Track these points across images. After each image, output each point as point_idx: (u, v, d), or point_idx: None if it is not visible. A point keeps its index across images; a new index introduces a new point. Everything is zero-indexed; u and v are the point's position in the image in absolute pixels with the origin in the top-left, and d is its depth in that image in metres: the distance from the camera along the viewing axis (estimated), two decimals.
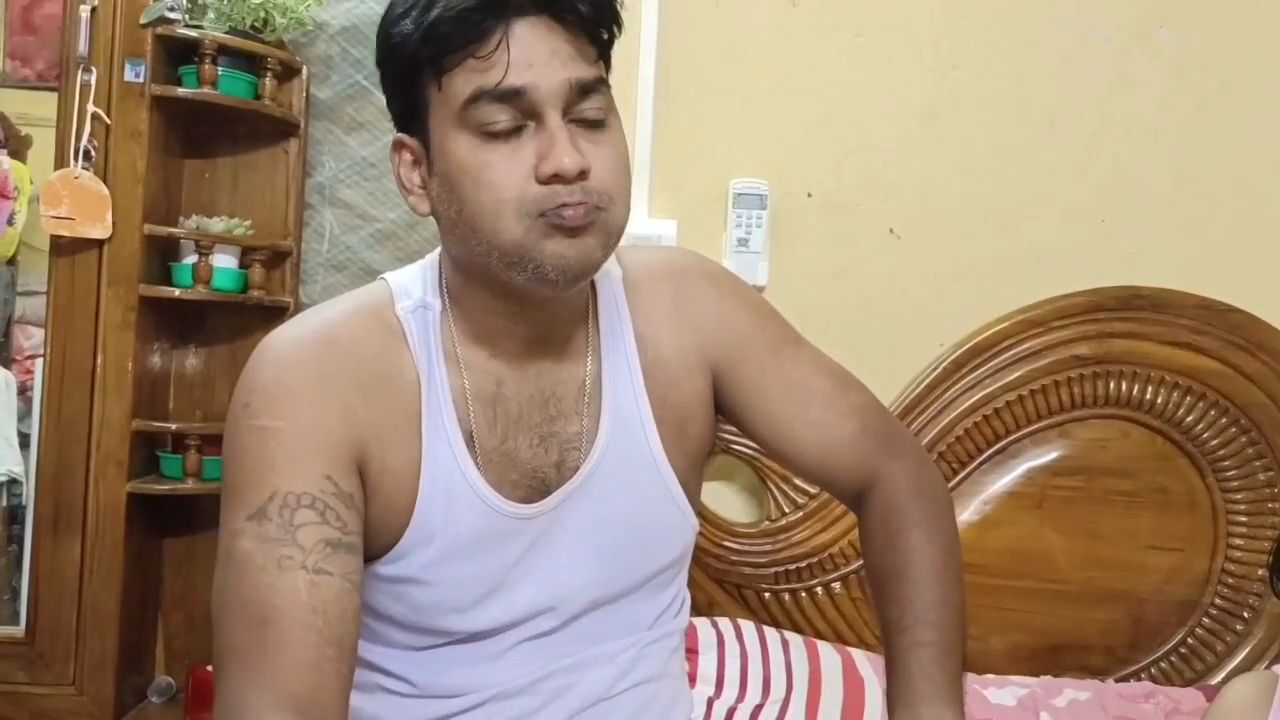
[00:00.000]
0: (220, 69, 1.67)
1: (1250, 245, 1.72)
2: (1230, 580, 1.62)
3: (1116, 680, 1.58)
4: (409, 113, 0.93)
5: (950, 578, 1.04)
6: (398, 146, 0.95)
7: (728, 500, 1.73)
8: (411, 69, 0.90)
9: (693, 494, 1.07)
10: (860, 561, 1.64)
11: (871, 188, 1.75)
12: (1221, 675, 1.59)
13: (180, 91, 1.67)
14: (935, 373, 1.66)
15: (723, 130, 1.75)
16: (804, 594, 1.64)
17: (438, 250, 1.01)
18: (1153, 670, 1.62)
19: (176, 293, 1.69)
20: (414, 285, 1.00)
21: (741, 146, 1.75)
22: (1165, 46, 1.73)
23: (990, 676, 1.52)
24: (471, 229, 0.89)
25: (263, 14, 1.67)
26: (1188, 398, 1.63)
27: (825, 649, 1.51)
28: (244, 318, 1.78)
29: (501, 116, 0.87)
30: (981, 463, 1.65)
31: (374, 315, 0.97)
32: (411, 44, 0.88)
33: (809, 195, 1.75)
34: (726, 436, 1.62)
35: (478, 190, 0.88)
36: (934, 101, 1.74)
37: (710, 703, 1.37)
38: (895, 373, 1.69)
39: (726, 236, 1.72)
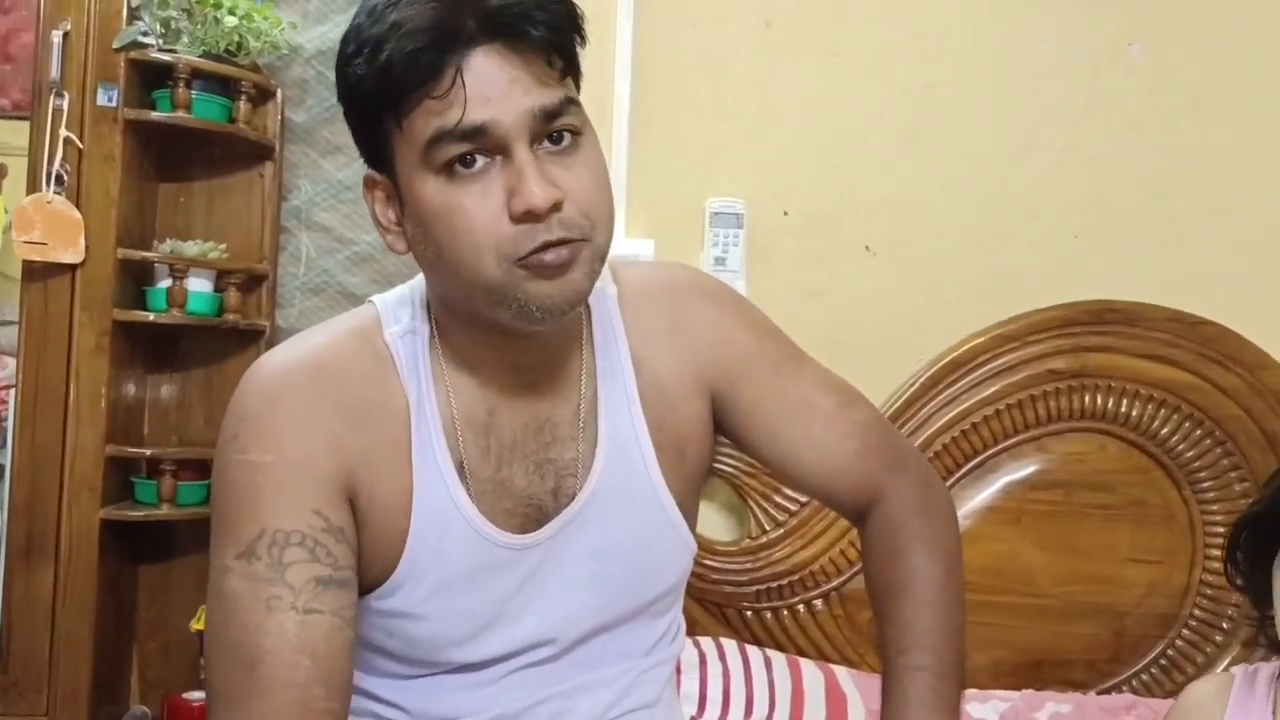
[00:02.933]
0: (194, 92, 1.66)
1: (1222, 258, 1.74)
2: (1209, 592, 1.63)
3: (1098, 693, 1.59)
4: (375, 151, 0.90)
5: (951, 598, 1.03)
6: (369, 184, 0.92)
7: (708, 519, 1.72)
8: (370, 110, 0.87)
9: (691, 517, 1.05)
10: (842, 578, 1.64)
11: (848, 206, 1.76)
12: None
13: (154, 115, 1.66)
14: (912, 388, 1.66)
15: (699, 149, 1.76)
16: (785, 611, 1.64)
17: (422, 276, 1.00)
18: (1134, 683, 1.63)
19: (150, 317, 1.67)
20: (402, 310, 0.98)
21: (718, 165, 1.76)
22: (1136, 64, 1.75)
23: (973, 692, 1.51)
24: (452, 271, 0.87)
25: (237, 38, 1.67)
26: (1162, 410, 1.64)
27: (807, 666, 1.51)
28: (219, 342, 1.77)
29: (466, 155, 0.84)
30: (960, 477, 1.66)
31: (362, 340, 0.95)
32: (367, 86, 0.85)
33: (785, 214, 1.76)
34: None
35: (453, 236, 0.85)
36: (910, 121, 1.75)
37: None
38: (874, 390, 1.66)
39: (704, 255, 1.72)
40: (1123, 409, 1.65)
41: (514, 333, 0.91)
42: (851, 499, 1.08)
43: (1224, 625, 1.62)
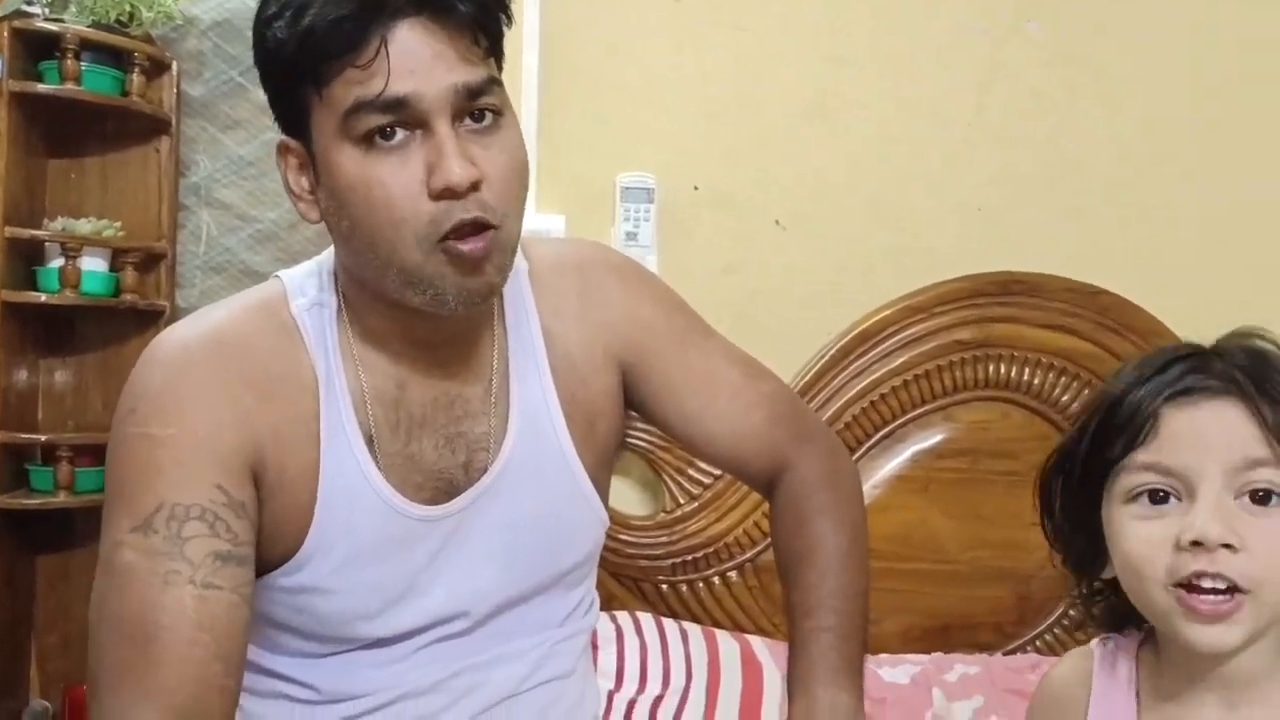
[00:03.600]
0: (84, 64, 1.60)
1: (1118, 230, 1.79)
2: None
3: (1004, 654, 1.63)
4: (291, 116, 0.89)
5: (855, 564, 1.06)
6: (283, 150, 0.91)
7: (623, 494, 1.73)
8: (289, 75, 0.86)
9: (603, 490, 1.07)
10: (756, 549, 1.66)
11: (758, 181, 1.77)
12: None
13: (40, 88, 1.60)
14: (823, 360, 1.68)
15: (609, 124, 1.75)
16: (701, 584, 1.65)
17: (331, 248, 0.98)
18: (1038, 643, 1.67)
19: (42, 298, 1.61)
20: (309, 283, 0.96)
21: (628, 140, 1.75)
22: (1036, 40, 1.79)
23: (884, 656, 1.55)
24: (367, 245, 0.86)
25: (128, 7, 1.61)
26: (1063, 378, 1.69)
27: (723, 637, 1.53)
28: (117, 323, 1.71)
29: (386, 127, 0.83)
30: (870, 447, 1.68)
31: (268, 314, 0.94)
32: (287, 50, 0.84)
33: (696, 189, 1.76)
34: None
35: (369, 209, 0.85)
36: (817, 95, 1.76)
37: (610, 696, 1.37)
38: (786, 363, 1.70)
39: (615, 230, 1.72)
40: (1025, 377, 1.69)
41: (424, 313, 0.91)
42: (759, 470, 1.10)
43: None
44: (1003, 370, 1.69)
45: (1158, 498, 0.78)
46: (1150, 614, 0.79)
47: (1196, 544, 0.75)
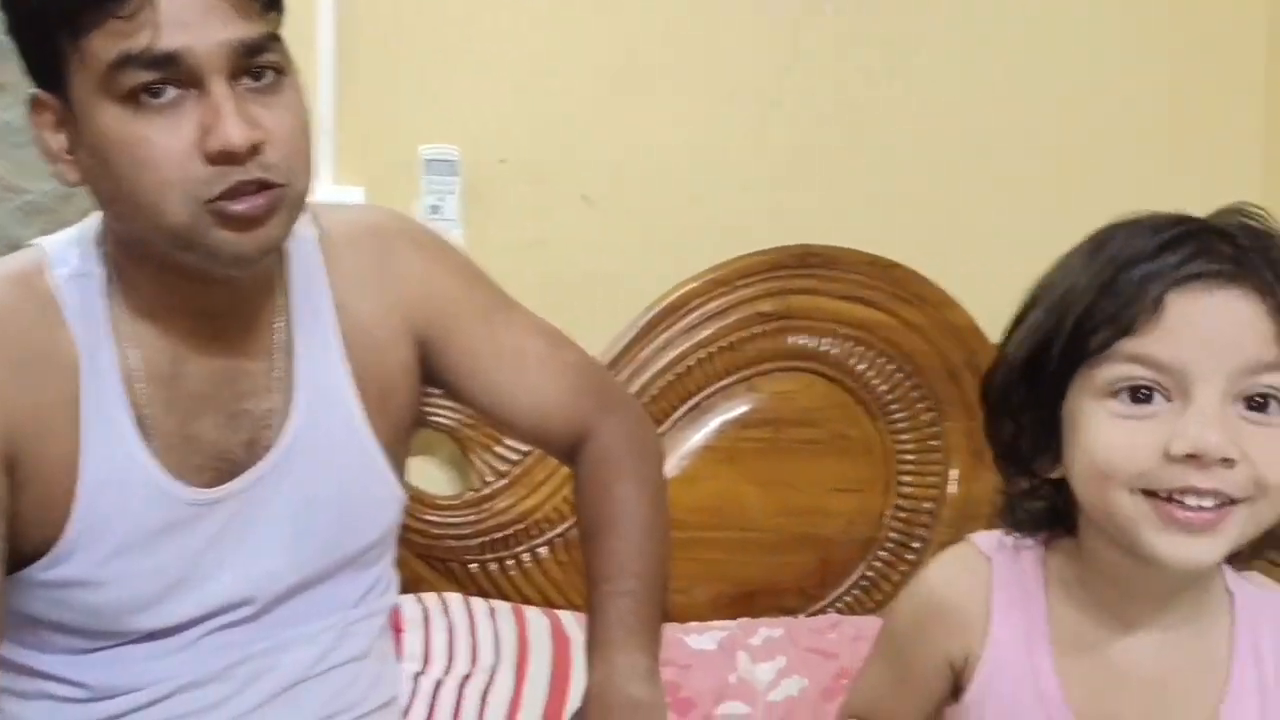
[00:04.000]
0: None
1: (911, 206, 1.85)
2: (902, 515, 1.75)
3: (807, 616, 1.68)
4: (44, 67, 0.81)
5: (657, 531, 1.06)
6: (36, 106, 0.83)
7: (429, 473, 1.69)
8: (40, 23, 0.78)
9: (399, 466, 1.04)
10: (566, 524, 1.65)
11: (565, 155, 1.76)
12: None
13: None
14: (631, 334, 1.69)
15: (412, 93, 1.71)
16: (511, 562, 1.64)
17: (97, 214, 0.91)
18: (839, 604, 1.73)
19: None
20: (71, 251, 0.89)
21: (432, 111, 1.71)
22: (832, 21, 1.84)
23: (693, 624, 1.57)
24: (132, 208, 0.81)
25: None
26: (860, 348, 1.74)
27: (533, 614, 1.52)
28: None
29: (154, 85, 0.77)
30: (677, 419, 1.70)
31: (22, 284, 0.87)
32: None
33: (503, 162, 1.74)
34: (426, 409, 1.58)
35: (136, 169, 0.79)
36: (623, 70, 1.77)
37: (416, 679, 1.35)
38: (594, 337, 1.69)
39: (419, 204, 1.68)
40: (825, 348, 1.74)
41: (200, 277, 0.86)
42: (563, 439, 1.10)
43: (915, 545, 1.75)
44: (803, 341, 1.73)
45: (1140, 395, 0.68)
46: (1110, 522, 0.71)
47: (1191, 456, 0.66)
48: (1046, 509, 0.78)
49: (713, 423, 1.72)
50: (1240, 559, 0.76)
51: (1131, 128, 1.86)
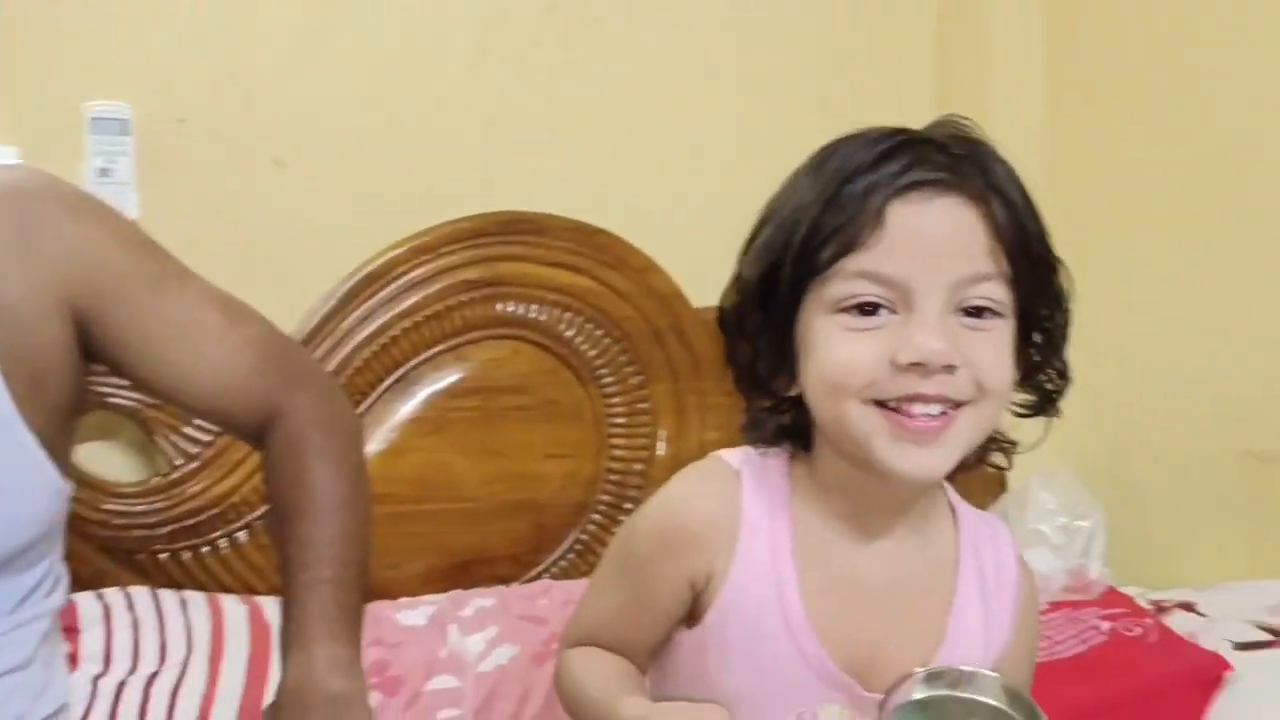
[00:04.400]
0: None
1: (614, 173, 1.87)
2: (614, 479, 1.78)
3: (521, 584, 1.68)
4: None
5: (355, 512, 1.02)
6: None
7: (109, 459, 1.56)
8: None
9: (61, 455, 0.94)
10: (266, 507, 1.57)
11: (252, 114, 1.65)
12: None
13: None
14: (331, 304, 1.62)
15: (75, 44, 1.55)
16: (206, 549, 1.54)
17: None
18: (553, 570, 1.74)
19: None
20: None
21: (98, 64, 1.57)
22: None
23: (403, 600, 1.54)
24: None
25: None
26: (568, 314, 1.75)
27: (230, 602, 1.44)
28: None
29: None
30: (383, 392, 1.65)
31: None
32: None
33: (181, 121, 1.62)
34: (103, 389, 1.46)
35: None
36: (312, 21, 1.68)
37: (96, 681, 1.24)
38: (291, 308, 1.62)
39: (85, 166, 1.53)
40: (533, 315, 1.74)
41: None
42: (249, 419, 1.03)
43: (626, 507, 1.78)
44: (511, 308, 1.72)
45: (867, 310, 0.71)
46: (844, 435, 0.73)
47: (916, 365, 0.69)
48: (788, 425, 0.79)
49: (421, 393, 1.68)
50: (965, 466, 0.78)
51: (813, 95, 1.94)
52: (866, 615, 0.77)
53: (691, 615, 0.80)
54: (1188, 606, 1.47)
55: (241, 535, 1.57)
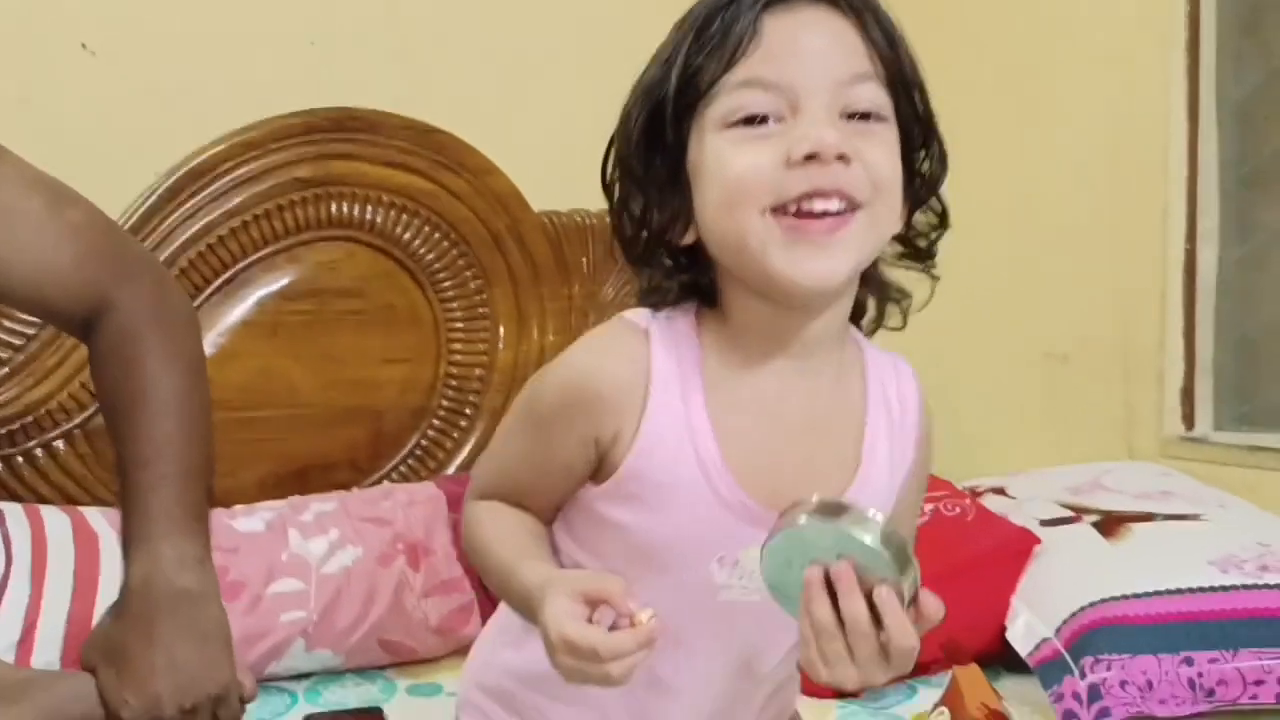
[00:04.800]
0: None
1: (453, 70, 1.83)
2: (453, 384, 1.77)
3: (361, 489, 1.66)
4: None
5: (195, 404, 0.98)
6: None
7: None
8: None
9: None
10: (86, 414, 1.49)
11: None
12: (452, 468, 1.75)
13: None
14: (150, 201, 1.54)
15: None
16: (20, 459, 1.46)
17: None
18: (394, 475, 1.72)
19: None
20: None
21: None
22: None
23: (239, 508, 1.49)
24: None
25: None
26: (404, 216, 1.71)
27: (50, 513, 1.37)
28: None
29: None
30: (211, 294, 1.58)
31: None
32: None
33: None
34: None
35: None
36: None
37: None
38: (105, 206, 1.51)
39: None
40: (368, 216, 1.69)
41: None
42: (74, 311, 0.98)
43: (467, 411, 1.77)
44: (345, 209, 1.67)
45: (758, 120, 0.71)
46: (745, 254, 0.72)
47: (810, 158, 0.69)
48: (688, 283, 0.78)
49: (251, 296, 1.62)
50: (863, 327, 0.82)
51: None
52: (784, 452, 0.78)
53: (599, 473, 0.80)
54: (999, 491, 1.58)
55: (59, 444, 1.49)
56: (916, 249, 0.81)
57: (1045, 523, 1.43)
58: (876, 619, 0.66)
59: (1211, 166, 1.78)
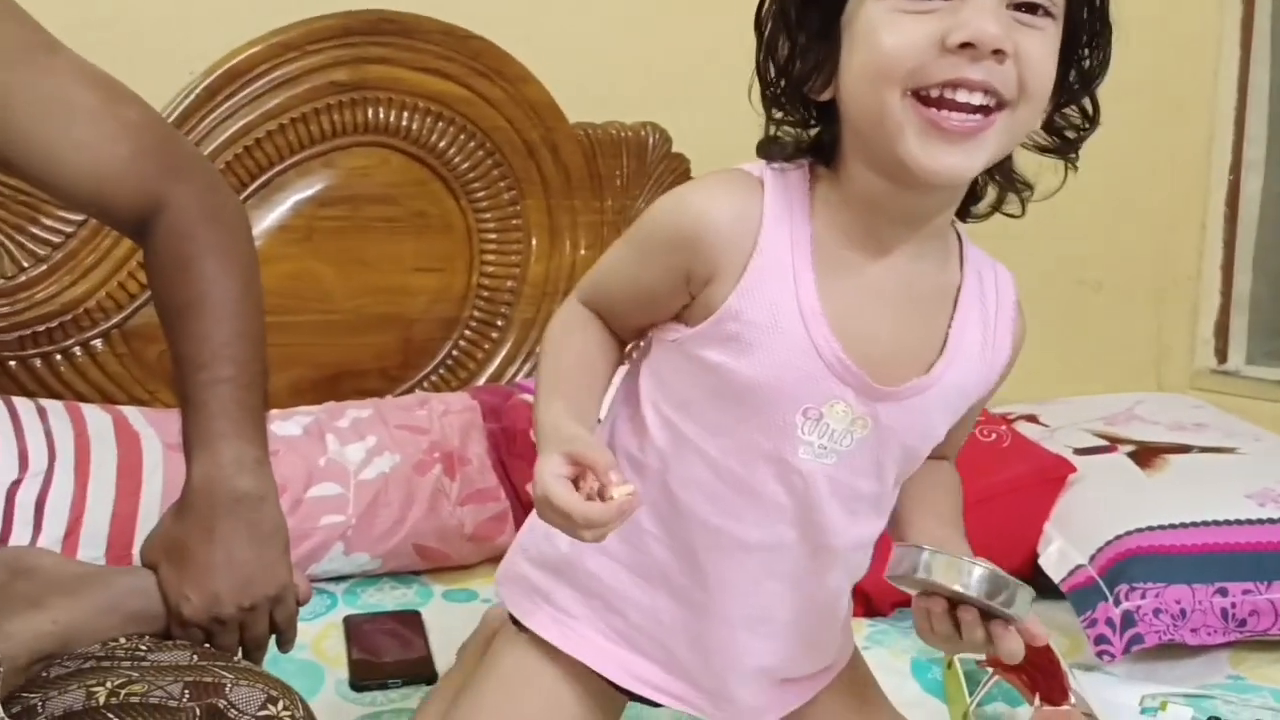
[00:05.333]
0: None
1: None
2: (485, 294, 1.76)
3: (394, 397, 1.66)
4: None
5: (250, 307, 0.98)
6: None
7: None
8: None
9: None
10: (124, 313, 1.50)
11: None
12: (482, 379, 1.75)
13: None
14: (188, 100, 1.52)
15: None
16: (59, 356, 1.46)
17: None
18: (424, 385, 1.73)
19: None
20: None
21: None
22: None
23: (275, 412, 1.49)
24: None
25: None
26: (439, 123, 1.69)
27: (92, 411, 1.37)
28: None
29: None
30: (248, 197, 1.57)
31: None
32: None
33: None
34: None
35: None
36: None
37: None
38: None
39: None
40: (404, 122, 1.67)
41: None
42: (128, 211, 0.97)
43: (498, 323, 1.77)
44: (380, 114, 1.65)
45: None
46: (879, 130, 0.72)
47: (966, 45, 0.68)
48: (808, 141, 0.79)
49: (287, 201, 1.60)
50: (978, 215, 0.83)
51: None
52: (876, 318, 0.79)
53: (693, 315, 0.81)
54: (1031, 419, 1.58)
55: (97, 343, 1.49)
56: (1060, 143, 0.81)
57: (1080, 451, 1.43)
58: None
59: (1262, 94, 1.75)
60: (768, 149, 0.80)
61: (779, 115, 0.79)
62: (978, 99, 0.70)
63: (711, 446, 0.81)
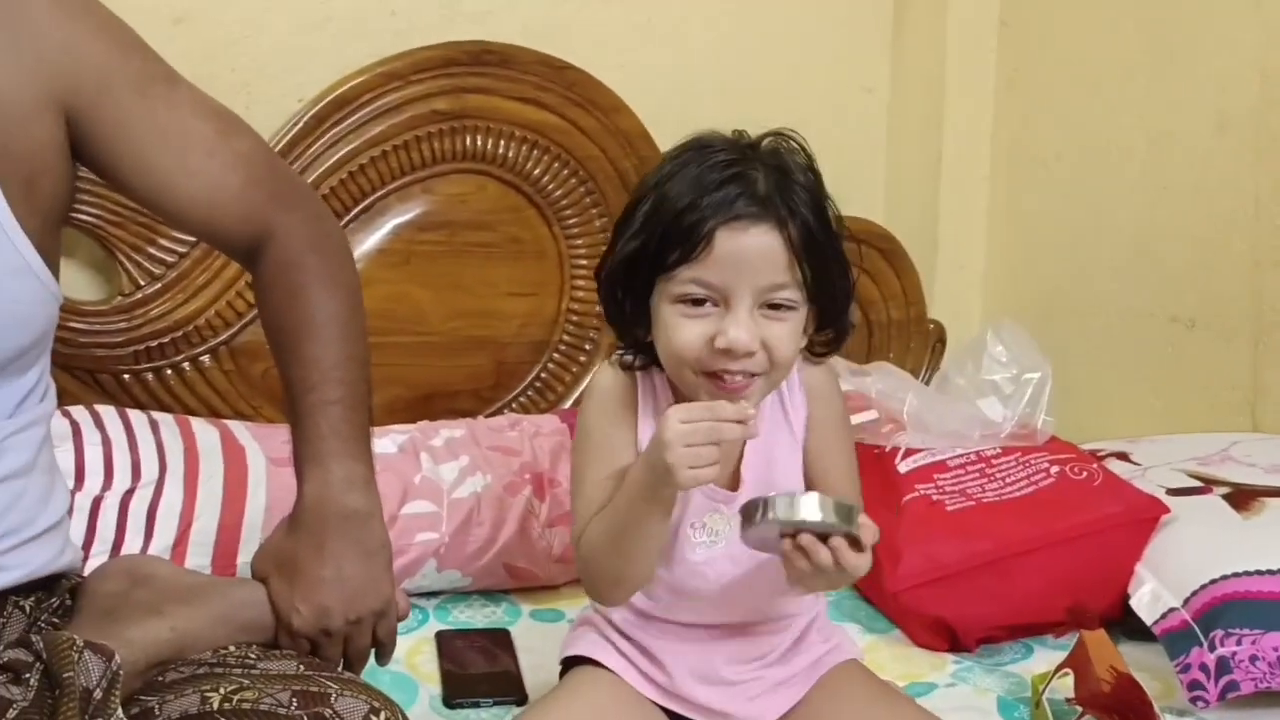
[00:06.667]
0: None
1: (581, 7, 1.83)
2: (574, 319, 1.79)
3: (485, 418, 1.70)
4: None
5: (355, 332, 1.02)
6: None
7: (70, 277, 1.51)
8: None
9: (52, 260, 0.92)
10: (230, 331, 1.56)
11: None
12: (570, 402, 1.78)
13: None
14: (297, 128, 1.58)
15: None
16: (170, 371, 1.53)
17: None
18: (513, 406, 1.76)
19: None
20: None
21: None
22: None
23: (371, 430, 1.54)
24: None
25: None
26: (534, 151, 1.73)
27: (200, 424, 1.43)
28: None
29: None
30: (349, 221, 1.63)
31: None
32: None
33: None
34: None
35: None
36: None
37: (71, 496, 1.23)
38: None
39: None
40: (500, 150, 1.71)
41: None
42: (239, 237, 1.02)
43: (586, 347, 1.80)
44: (479, 142, 1.69)
45: (699, 302, 0.99)
46: (684, 386, 1.03)
47: (727, 350, 0.97)
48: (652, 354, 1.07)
49: (386, 225, 1.66)
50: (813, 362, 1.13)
51: None
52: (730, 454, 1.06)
53: None
54: (1123, 456, 1.56)
55: (206, 359, 1.55)
56: (828, 346, 1.10)
57: (1173, 491, 1.41)
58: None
59: None
60: (626, 357, 1.09)
61: (623, 337, 1.08)
62: (738, 379, 0.99)
63: None
